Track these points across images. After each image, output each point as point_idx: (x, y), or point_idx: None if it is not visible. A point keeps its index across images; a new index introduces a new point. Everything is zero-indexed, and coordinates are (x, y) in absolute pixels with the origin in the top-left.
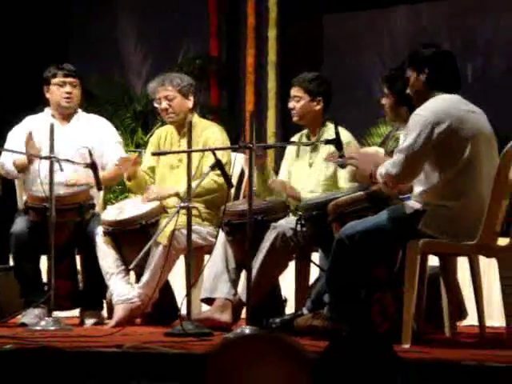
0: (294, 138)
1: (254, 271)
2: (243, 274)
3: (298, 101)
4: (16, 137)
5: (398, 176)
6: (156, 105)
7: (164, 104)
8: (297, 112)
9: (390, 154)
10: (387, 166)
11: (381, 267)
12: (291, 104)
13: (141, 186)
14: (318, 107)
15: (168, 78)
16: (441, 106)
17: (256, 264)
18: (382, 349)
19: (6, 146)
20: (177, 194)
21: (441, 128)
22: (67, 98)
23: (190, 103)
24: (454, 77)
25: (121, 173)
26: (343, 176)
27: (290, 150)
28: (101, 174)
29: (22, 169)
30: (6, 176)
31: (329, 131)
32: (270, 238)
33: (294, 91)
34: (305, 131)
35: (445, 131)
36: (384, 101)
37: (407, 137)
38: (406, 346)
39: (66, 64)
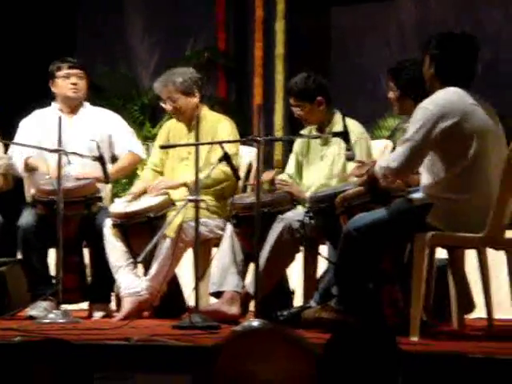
0: (304, 132)
1: (261, 263)
2: (251, 267)
3: (302, 109)
4: (26, 130)
5: (398, 169)
6: (162, 105)
7: (168, 106)
8: (305, 119)
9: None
10: (388, 160)
11: (389, 259)
12: (296, 113)
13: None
14: (322, 106)
15: (170, 77)
16: (447, 99)
17: (263, 256)
18: (385, 340)
19: (16, 139)
20: (185, 185)
21: (446, 122)
22: (73, 88)
23: (195, 99)
24: (465, 69)
25: (130, 167)
26: (351, 167)
27: (300, 144)
28: (109, 166)
29: (31, 170)
30: (10, 171)
31: (338, 123)
32: (276, 230)
33: (293, 101)
34: (315, 125)
35: (450, 125)
36: (390, 94)
37: (409, 129)
38: (415, 339)
39: (69, 58)
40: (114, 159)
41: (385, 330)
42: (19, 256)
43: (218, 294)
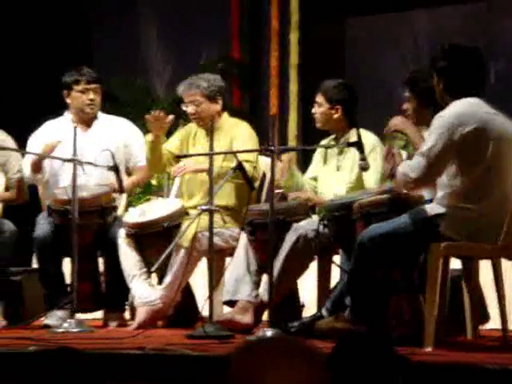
0: (324, 143)
1: (275, 273)
2: (264, 276)
3: (319, 107)
4: (36, 142)
5: (418, 180)
6: (184, 108)
7: (190, 109)
8: (317, 118)
9: (411, 157)
10: (407, 169)
11: (397, 270)
12: (314, 109)
13: (159, 160)
14: (337, 115)
15: (195, 81)
16: (464, 108)
17: (277, 266)
18: (384, 349)
19: (27, 150)
20: (205, 171)
21: (464, 130)
22: (91, 104)
23: (217, 106)
24: (474, 81)
25: (146, 176)
26: (369, 178)
27: (318, 155)
28: (126, 178)
29: (36, 169)
30: (27, 181)
31: (353, 136)
32: (291, 239)
33: (317, 97)
34: (333, 136)
35: (468, 134)
36: (406, 105)
37: (428, 139)
38: (429, 350)
39: (86, 69)
40: (127, 169)
41: (382, 339)
42: (35, 265)
43: (231, 303)
